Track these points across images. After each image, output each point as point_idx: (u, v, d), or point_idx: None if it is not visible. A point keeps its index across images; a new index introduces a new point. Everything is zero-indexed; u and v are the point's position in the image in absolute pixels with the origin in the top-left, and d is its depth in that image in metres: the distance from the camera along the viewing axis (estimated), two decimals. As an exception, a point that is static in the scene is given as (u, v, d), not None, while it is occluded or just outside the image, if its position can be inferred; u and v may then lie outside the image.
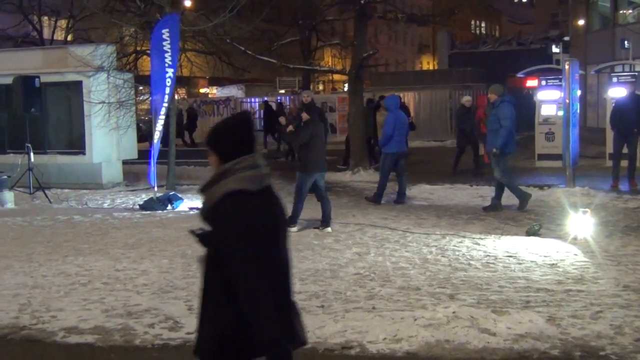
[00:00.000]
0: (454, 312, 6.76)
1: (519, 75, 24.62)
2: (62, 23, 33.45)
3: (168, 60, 14.71)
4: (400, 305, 7.27)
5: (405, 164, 15.02)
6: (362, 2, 19.39)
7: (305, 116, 11.75)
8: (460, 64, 44.25)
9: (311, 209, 13.06)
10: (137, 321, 7.01)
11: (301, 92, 19.78)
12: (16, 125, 17.81)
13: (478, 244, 10.24)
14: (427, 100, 32.59)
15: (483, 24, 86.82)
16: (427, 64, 77.77)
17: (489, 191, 15.65)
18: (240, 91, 42.34)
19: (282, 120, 12.86)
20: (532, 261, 9.13)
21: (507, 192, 13.27)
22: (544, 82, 20.55)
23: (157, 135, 14.92)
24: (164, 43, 14.69)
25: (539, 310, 6.97)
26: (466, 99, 20.21)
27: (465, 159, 19.25)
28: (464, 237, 10.79)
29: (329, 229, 11.57)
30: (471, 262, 9.18)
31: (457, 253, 9.72)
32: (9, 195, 15.53)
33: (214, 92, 47.50)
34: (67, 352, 6.42)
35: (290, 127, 12.20)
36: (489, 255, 9.52)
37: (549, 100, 20.17)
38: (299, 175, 11.64)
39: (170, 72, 14.75)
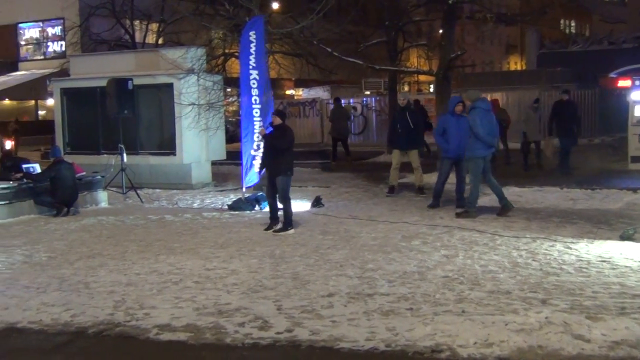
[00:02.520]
0: (546, 318, 6.63)
1: (612, 75, 24.01)
2: (154, 27, 34.27)
3: (252, 62, 14.87)
4: (491, 309, 7.16)
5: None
6: (450, 2, 19.20)
7: (277, 120, 12.31)
8: (549, 64, 43.29)
9: (395, 210, 13.04)
10: (227, 320, 7.11)
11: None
12: (110, 127, 18.31)
13: (570, 248, 10.02)
14: (515, 101, 32.01)
15: (573, 23, 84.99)
16: (515, 64, 76.59)
17: (580, 194, 15.36)
18: (326, 93, 42.47)
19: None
20: (626, 266, 8.88)
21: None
22: (637, 82, 19.96)
23: (255, 137, 14.80)
24: (251, 45, 14.86)
25: (635, 317, 6.77)
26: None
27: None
28: (555, 240, 10.56)
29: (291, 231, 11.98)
30: (563, 266, 8.98)
31: (548, 257, 9.52)
32: (103, 195, 15.99)
33: (300, 93, 47.82)
34: (160, 349, 6.54)
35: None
36: (581, 260, 9.30)
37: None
38: (284, 179, 12.16)
39: (254, 73, 14.89)
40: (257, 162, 14.73)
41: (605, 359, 5.87)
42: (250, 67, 14.85)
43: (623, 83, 24.43)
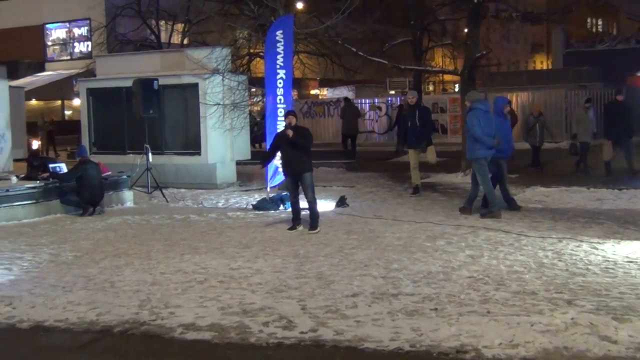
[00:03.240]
0: (572, 319, 6.58)
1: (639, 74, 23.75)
2: (179, 27, 34.41)
3: (280, 61, 14.88)
4: (516, 310, 7.12)
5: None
6: (475, 1, 19.12)
7: (294, 120, 12.28)
8: (575, 63, 42.99)
9: (420, 210, 13.00)
10: (252, 319, 7.12)
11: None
12: (135, 127, 18.41)
13: (596, 249, 9.93)
14: (541, 101, 31.81)
15: (600, 22, 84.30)
16: (541, 63, 76.13)
17: (607, 194, 15.23)
18: (350, 92, 42.48)
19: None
20: (653, 267, 8.79)
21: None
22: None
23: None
24: (278, 44, 14.87)
25: (663, 318, 6.70)
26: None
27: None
28: (581, 241, 10.48)
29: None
30: (589, 267, 8.91)
31: (574, 257, 9.45)
32: (128, 195, 16.10)
33: (324, 93, 47.85)
34: (185, 348, 6.57)
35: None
36: (608, 261, 9.21)
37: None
38: (310, 175, 12.26)
39: (282, 73, 14.91)
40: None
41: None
42: (278, 66, 14.86)
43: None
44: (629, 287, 7.89)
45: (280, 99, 14.87)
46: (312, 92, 49.16)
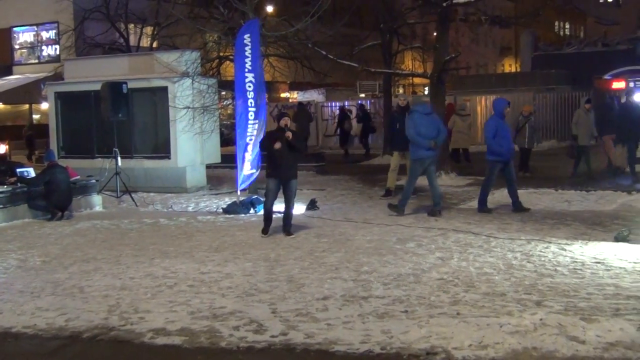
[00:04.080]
0: (541, 319, 6.64)
1: (606, 77, 24.02)
2: (148, 30, 34.23)
3: (248, 65, 14.86)
4: (486, 311, 7.17)
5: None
6: (444, 5, 19.23)
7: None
8: (543, 66, 43.37)
9: (390, 213, 13.02)
10: (222, 323, 7.10)
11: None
12: (104, 131, 18.29)
13: (564, 250, 10.03)
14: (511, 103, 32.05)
15: (567, 25, 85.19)
16: (509, 66, 76.71)
17: (575, 195, 15.40)
18: (321, 95, 42.51)
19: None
20: (621, 267, 8.89)
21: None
22: (631, 84, 19.99)
23: (251, 140, 14.85)
24: (246, 48, 14.85)
25: (630, 318, 6.77)
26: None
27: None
28: (549, 242, 10.58)
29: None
30: (558, 268, 8.99)
31: (542, 259, 9.53)
32: (97, 199, 15.98)
33: (295, 96, 47.84)
34: (155, 354, 6.52)
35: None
36: (576, 261, 9.31)
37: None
38: (296, 182, 12.09)
39: (250, 76, 14.89)
40: (248, 166, 14.73)
41: (599, 360, 5.88)
42: (246, 70, 14.84)
43: (617, 85, 24.46)
44: (596, 287, 7.97)
45: (251, 102, 14.84)
46: (283, 95, 49.11)
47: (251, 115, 14.78)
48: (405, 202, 13.77)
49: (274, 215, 12.22)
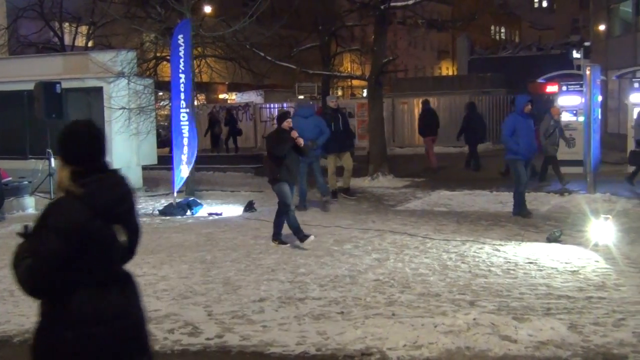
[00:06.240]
0: (474, 319, 6.72)
1: (540, 80, 24.46)
2: (83, 29, 33.70)
3: (182, 66, 14.78)
4: (420, 311, 7.23)
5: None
6: (382, 7, 19.36)
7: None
8: (479, 70, 44.02)
9: (328, 214, 13.04)
10: (157, 326, 7.00)
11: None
12: (37, 131, 17.91)
13: (498, 250, 10.18)
14: (446, 106, 32.45)
15: (503, 30, 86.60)
16: (447, 69, 77.63)
17: (509, 197, 15.59)
18: (259, 97, 42.40)
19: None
20: (553, 268, 9.06)
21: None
22: (564, 88, 20.39)
23: (187, 141, 14.80)
24: (180, 49, 14.78)
25: (561, 317, 6.91)
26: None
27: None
28: (484, 243, 10.73)
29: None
30: (491, 268, 9.12)
31: (477, 259, 9.66)
32: (30, 201, 15.65)
33: (233, 98, 47.62)
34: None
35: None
36: (509, 262, 9.45)
37: (569, 106, 19.90)
38: None
39: (183, 77, 14.80)
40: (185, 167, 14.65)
41: (531, 359, 5.96)
42: (180, 70, 14.76)
43: (551, 88, 24.94)
44: (529, 287, 8.11)
45: (182, 104, 14.76)
46: (221, 96, 48.83)
47: (183, 117, 14.71)
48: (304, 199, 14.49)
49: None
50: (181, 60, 14.66)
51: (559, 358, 5.97)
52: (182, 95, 14.73)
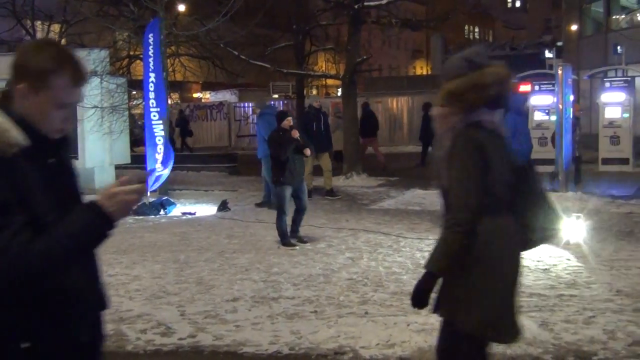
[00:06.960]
0: (446, 318, 6.74)
1: (513, 80, 24.60)
2: (56, 28, 33.35)
3: (152, 65, 14.73)
4: (393, 310, 7.25)
5: None
6: (356, 7, 19.39)
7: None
8: (454, 69, 44.17)
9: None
10: (129, 327, 6.98)
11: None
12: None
13: (471, 249, 10.22)
14: (420, 105, 32.52)
15: (477, 29, 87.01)
16: (421, 68, 77.88)
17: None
18: (233, 96, 42.32)
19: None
20: (524, 266, 9.10)
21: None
22: (537, 87, 20.54)
23: (160, 140, 14.77)
24: (150, 47, 14.74)
25: (532, 315, 6.97)
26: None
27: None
28: (457, 242, 10.76)
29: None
30: (464, 267, 9.16)
31: (450, 258, 9.69)
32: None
33: (207, 96, 47.48)
34: (58, 358, 6.36)
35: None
36: (482, 260, 9.49)
37: (541, 105, 20.05)
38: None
39: (152, 76, 14.76)
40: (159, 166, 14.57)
41: (502, 356, 5.99)
42: (150, 69, 14.71)
43: (523, 88, 25.13)
44: (501, 285, 8.14)
45: (152, 103, 14.71)
46: (195, 95, 48.67)
47: (154, 116, 14.67)
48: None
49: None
50: (151, 60, 14.62)
51: (530, 355, 6.02)
52: (152, 95, 14.69)
